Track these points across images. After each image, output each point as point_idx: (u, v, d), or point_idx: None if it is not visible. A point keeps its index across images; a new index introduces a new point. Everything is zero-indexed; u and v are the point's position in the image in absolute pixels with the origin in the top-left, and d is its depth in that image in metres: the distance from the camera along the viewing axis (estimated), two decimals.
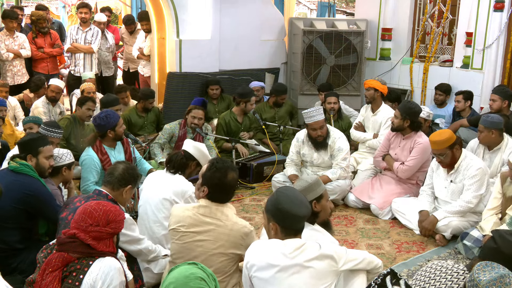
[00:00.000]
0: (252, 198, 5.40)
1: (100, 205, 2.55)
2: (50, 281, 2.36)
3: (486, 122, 4.66)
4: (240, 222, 3.01)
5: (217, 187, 3.00)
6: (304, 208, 2.61)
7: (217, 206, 3.01)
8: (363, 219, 4.89)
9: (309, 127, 5.06)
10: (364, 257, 2.76)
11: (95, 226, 2.46)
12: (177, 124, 5.77)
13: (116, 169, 3.30)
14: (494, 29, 6.60)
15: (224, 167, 3.02)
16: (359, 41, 7.69)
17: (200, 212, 3.00)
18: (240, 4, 7.59)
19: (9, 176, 3.50)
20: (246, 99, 6.16)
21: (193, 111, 5.66)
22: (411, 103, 5.15)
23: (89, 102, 5.76)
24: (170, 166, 3.80)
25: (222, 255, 2.94)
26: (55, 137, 4.53)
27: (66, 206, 3.28)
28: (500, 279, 2.07)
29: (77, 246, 2.43)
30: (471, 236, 4.07)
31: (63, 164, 3.93)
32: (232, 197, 3.13)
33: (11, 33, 7.27)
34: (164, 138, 5.73)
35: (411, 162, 4.94)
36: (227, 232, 2.94)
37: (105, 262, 2.43)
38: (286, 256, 2.54)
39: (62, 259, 2.41)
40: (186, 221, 2.99)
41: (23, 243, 3.48)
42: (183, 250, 3.00)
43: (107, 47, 8.25)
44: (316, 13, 15.41)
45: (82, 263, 2.41)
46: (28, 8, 13.83)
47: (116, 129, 4.70)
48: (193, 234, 2.97)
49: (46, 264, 2.42)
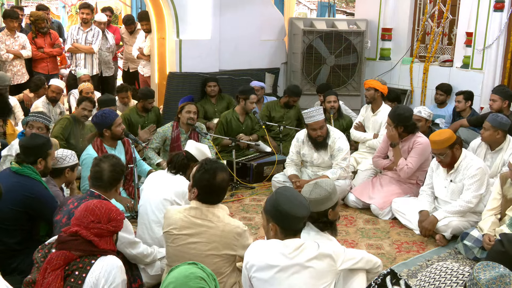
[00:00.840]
0: (252, 198, 5.40)
1: (102, 203, 2.56)
2: (53, 279, 2.36)
3: (495, 122, 4.62)
4: (233, 222, 2.97)
5: (206, 189, 2.95)
6: (303, 209, 2.60)
7: (207, 208, 2.96)
8: (363, 219, 4.89)
9: (309, 127, 5.06)
10: (363, 256, 2.77)
11: (97, 223, 2.46)
12: (169, 126, 5.66)
13: (102, 173, 3.20)
14: (494, 29, 6.60)
15: (213, 168, 2.95)
16: (359, 41, 7.69)
17: (191, 214, 2.97)
18: (240, 4, 7.60)
19: (11, 177, 3.49)
20: (245, 95, 6.16)
21: (186, 107, 5.56)
22: (399, 108, 5.04)
23: (85, 102, 5.74)
24: (171, 166, 3.79)
25: (216, 257, 2.91)
26: (42, 123, 4.62)
27: (60, 208, 3.26)
28: (500, 278, 2.07)
29: (79, 244, 2.43)
30: (471, 236, 4.07)
31: (67, 165, 3.88)
32: (223, 198, 3.06)
33: (12, 33, 7.27)
34: (157, 142, 5.61)
35: (410, 163, 4.94)
36: (219, 233, 2.91)
37: (107, 261, 2.44)
38: (285, 256, 2.54)
39: (64, 258, 2.40)
40: (178, 223, 2.97)
41: (23, 244, 3.47)
42: (177, 253, 2.98)
43: (107, 47, 8.25)
44: (316, 13, 15.42)
45: (85, 262, 2.42)
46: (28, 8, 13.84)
47: (112, 128, 4.69)
48: (185, 236, 2.94)
49: (47, 263, 2.41)
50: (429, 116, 5.55)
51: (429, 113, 5.57)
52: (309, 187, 2.95)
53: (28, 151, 3.59)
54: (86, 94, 6.46)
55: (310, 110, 5.02)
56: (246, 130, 6.34)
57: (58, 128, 5.54)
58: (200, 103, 6.99)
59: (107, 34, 8.25)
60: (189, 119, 5.53)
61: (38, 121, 4.68)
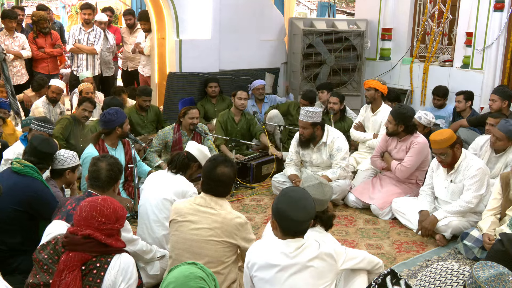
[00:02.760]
0: (252, 198, 5.40)
1: (106, 202, 2.53)
2: (71, 280, 2.35)
3: (510, 133, 4.56)
4: (235, 213, 3.07)
5: (206, 177, 3.09)
6: (304, 213, 2.53)
7: (211, 197, 3.07)
8: (363, 219, 4.89)
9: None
10: (364, 256, 2.76)
11: (108, 224, 2.46)
12: (170, 129, 5.66)
13: (100, 172, 3.22)
14: (494, 29, 6.60)
15: (217, 160, 3.10)
16: (359, 41, 7.70)
17: (196, 202, 3.10)
18: (240, 4, 7.60)
19: (12, 177, 3.49)
20: (234, 91, 6.20)
21: (189, 112, 5.57)
22: (403, 107, 5.05)
23: (86, 102, 5.74)
24: (172, 166, 3.80)
25: (217, 243, 2.96)
26: (46, 132, 4.57)
27: (59, 210, 3.25)
28: (499, 276, 2.07)
29: (93, 246, 2.43)
30: (471, 236, 4.07)
31: (67, 167, 3.86)
32: (227, 192, 3.14)
33: (10, 33, 7.27)
34: (157, 145, 5.61)
35: (407, 162, 4.94)
36: (220, 220, 2.99)
37: (122, 259, 2.46)
38: (287, 256, 2.54)
39: (80, 259, 2.40)
40: (183, 211, 3.08)
41: (24, 244, 3.47)
42: (180, 241, 3.05)
43: (108, 47, 8.25)
44: (316, 13, 15.43)
45: (101, 261, 2.42)
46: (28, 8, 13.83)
47: (123, 126, 4.79)
48: (188, 223, 3.03)
49: (64, 264, 2.39)
50: (429, 124, 5.47)
51: (429, 121, 5.47)
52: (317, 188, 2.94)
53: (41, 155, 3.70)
54: (86, 94, 6.46)
55: (307, 109, 5.04)
56: (242, 131, 6.32)
57: (58, 128, 5.54)
58: (200, 103, 7.01)
59: (107, 34, 8.25)
60: (191, 124, 5.57)
61: (40, 130, 4.58)
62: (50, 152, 3.75)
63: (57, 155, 3.84)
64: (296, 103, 6.94)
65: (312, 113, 4.99)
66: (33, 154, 3.68)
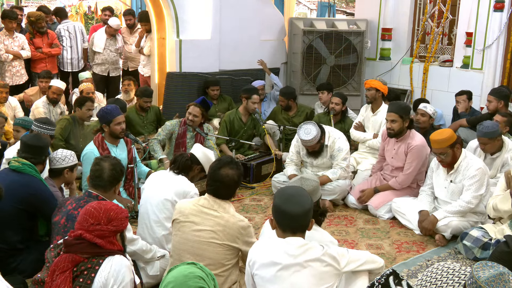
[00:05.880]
0: (252, 198, 5.40)
1: (101, 204, 2.56)
2: (62, 281, 2.37)
3: (488, 134, 4.65)
4: (238, 216, 3.05)
5: (209, 177, 3.09)
6: (297, 207, 2.53)
7: (215, 199, 3.06)
8: (363, 219, 4.89)
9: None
10: (367, 258, 2.74)
11: (97, 225, 2.46)
12: (178, 122, 5.76)
13: (103, 171, 3.22)
14: (494, 29, 6.60)
15: (223, 162, 3.09)
16: (359, 41, 7.69)
17: (199, 203, 3.09)
18: (240, 4, 7.60)
19: (10, 175, 3.50)
20: (247, 95, 6.18)
21: (190, 107, 5.64)
22: (399, 102, 5.12)
23: (88, 102, 5.78)
24: (175, 166, 3.80)
25: (218, 246, 2.96)
26: (47, 134, 4.57)
27: (59, 209, 3.26)
28: (499, 276, 2.07)
29: (85, 247, 2.44)
30: (471, 236, 4.06)
31: (66, 166, 3.87)
32: (230, 195, 3.12)
33: (10, 34, 7.26)
34: (163, 134, 5.68)
35: (408, 169, 4.92)
36: (223, 222, 2.98)
37: (115, 260, 2.45)
38: (289, 255, 2.53)
39: (71, 260, 2.42)
40: (186, 211, 3.08)
41: (23, 243, 3.48)
42: (181, 241, 3.04)
43: (116, 48, 8.31)
44: (316, 13, 15.42)
45: (93, 262, 2.43)
46: (28, 8, 13.82)
47: (111, 126, 4.71)
48: (191, 224, 3.02)
49: (55, 266, 2.42)
50: (434, 114, 5.56)
51: (434, 110, 5.58)
52: (297, 183, 3.00)
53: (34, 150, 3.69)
54: (86, 94, 6.48)
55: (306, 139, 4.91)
56: (248, 131, 6.35)
57: (58, 129, 5.52)
58: None
59: (117, 36, 8.32)
60: (188, 119, 5.61)
61: (42, 132, 4.56)
62: (40, 145, 3.73)
63: (55, 154, 3.85)
64: (278, 107, 6.94)
65: (313, 138, 4.90)
66: (25, 150, 3.69)
